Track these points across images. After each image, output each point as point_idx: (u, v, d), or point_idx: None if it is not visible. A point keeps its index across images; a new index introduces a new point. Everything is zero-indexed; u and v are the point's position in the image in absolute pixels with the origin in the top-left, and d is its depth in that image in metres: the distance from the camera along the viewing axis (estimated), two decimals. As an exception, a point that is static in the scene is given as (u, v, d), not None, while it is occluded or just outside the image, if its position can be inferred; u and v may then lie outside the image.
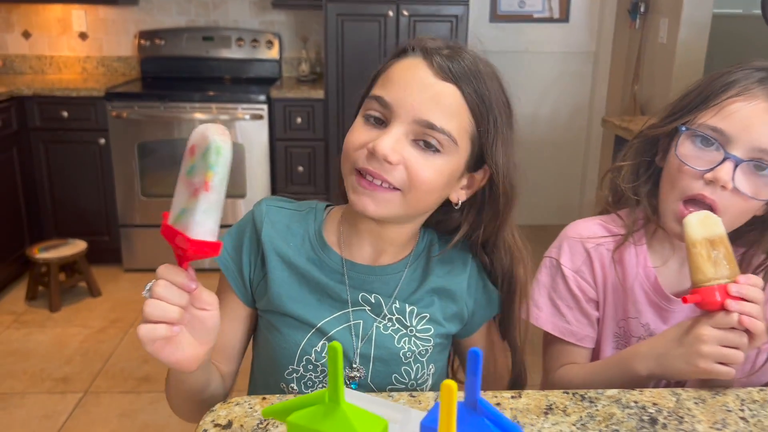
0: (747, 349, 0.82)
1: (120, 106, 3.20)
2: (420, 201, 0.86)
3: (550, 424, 0.76)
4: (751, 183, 0.89)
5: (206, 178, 0.67)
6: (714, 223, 0.85)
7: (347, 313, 0.90)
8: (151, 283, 0.70)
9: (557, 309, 1.02)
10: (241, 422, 0.74)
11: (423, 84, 0.82)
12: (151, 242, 3.41)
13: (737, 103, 0.88)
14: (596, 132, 4.05)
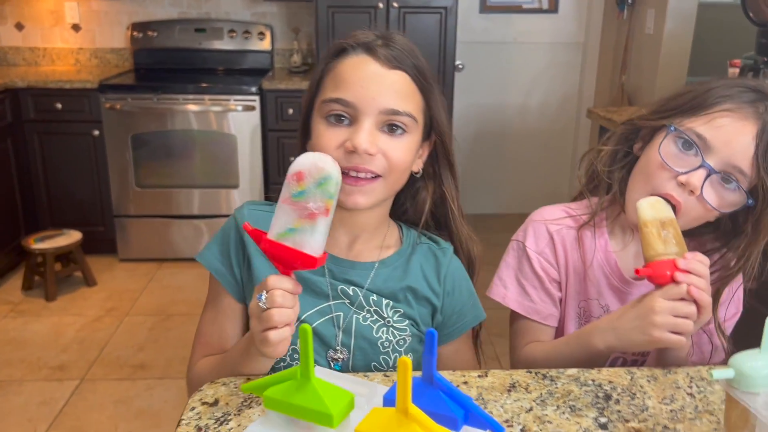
0: (696, 320, 0.87)
1: (114, 98, 3.24)
2: (397, 180, 0.95)
3: (513, 400, 0.82)
4: (716, 194, 0.94)
5: (327, 205, 0.79)
6: (663, 207, 0.92)
7: (329, 306, 0.96)
8: (264, 293, 0.78)
9: (523, 289, 1.09)
10: (227, 400, 0.80)
11: (377, 77, 0.90)
12: (145, 232, 3.46)
13: (727, 118, 0.93)
14: (585, 122, 4.10)
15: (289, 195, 0.80)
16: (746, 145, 0.92)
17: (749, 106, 0.92)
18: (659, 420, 0.78)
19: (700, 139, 0.93)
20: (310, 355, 0.56)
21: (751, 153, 0.92)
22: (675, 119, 0.97)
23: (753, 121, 0.92)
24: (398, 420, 0.53)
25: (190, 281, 3.33)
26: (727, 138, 0.92)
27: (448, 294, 1.00)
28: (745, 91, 0.93)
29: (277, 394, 0.57)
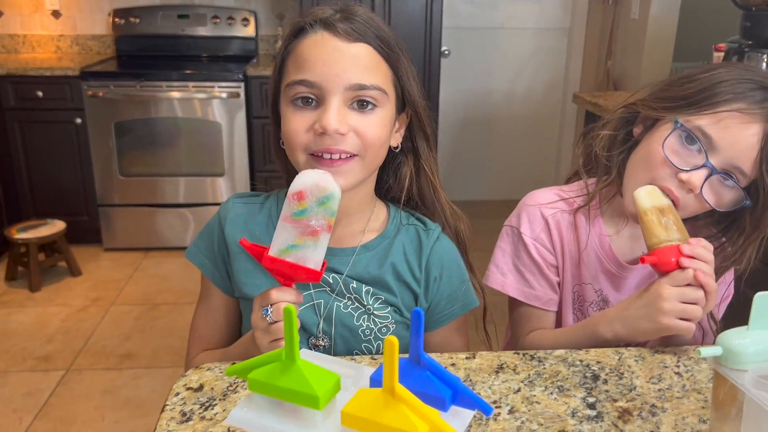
0: (704, 305, 0.87)
1: (96, 86, 3.19)
2: (375, 158, 0.92)
3: (501, 381, 0.81)
4: (714, 193, 0.93)
5: (329, 222, 0.81)
6: (660, 195, 0.91)
7: (309, 294, 0.95)
8: (269, 308, 0.80)
9: (522, 276, 1.07)
10: (212, 385, 0.79)
11: (339, 52, 0.87)
12: (130, 221, 3.43)
13: (735, 119, 0.90)
14: (571, 107, 4.10)
15: (290, 213, 0.81)
16: (751, 146, 0.90)
17: (757, 106, 0.90)
18: (647, 399, 0.78)
19: (706, 138, 0.91)
20: (295, 337, 0.55)
21: (754, 154, 0.90)
22: (681, 112, 0.94)
23: (761, 121, 0.90)
24: (385, 400, 0.53)
25: (175, 270, 3.30)
26: (733, 139, 0.90)
27: (435, 280, 0.98)
28: (754, 89, 0.91)
29: (262, 376, 0.56)
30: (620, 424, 0.74)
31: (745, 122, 0.90)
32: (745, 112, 0.90)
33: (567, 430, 0.72)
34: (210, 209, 3.45)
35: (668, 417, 0.75)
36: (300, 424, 0.55)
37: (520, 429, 0.72)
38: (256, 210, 1.00)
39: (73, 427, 2.15)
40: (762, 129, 0.89)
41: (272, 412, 0.56)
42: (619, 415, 0.75)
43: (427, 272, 0.98)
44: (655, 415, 0.75)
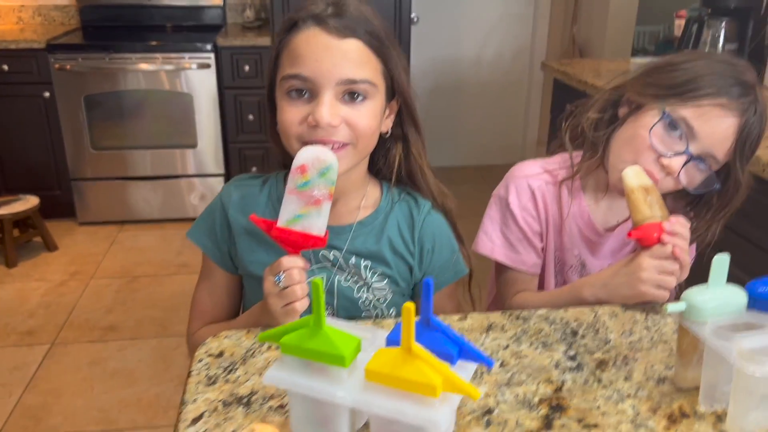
0: (679, 277, 0.97)
1: (63, 58, 3.15)
2: (367, 145, 0.98)
3: (491, 339, 0.90)
4: (689, 175, 1.03)
5: (330, 191, 0.89)
6: (645, 175, 1.00)
7: (312, 270, 1.02)
8: (282, 274, 0.86)
9: (508, 242, 1.17)
10: (231, 351, 0.86)
11: (330, 49, 0.91)
12: (103, 195, 3.43)
13: (715, 112, 1.00)
14: (537, 74, 4.19)
15: (295, 186, 0.88)
16: (727, 137, 1.00)
17: (736, 101, 1.00)
18: (620, 351, 0.88)
19: (688, 128, 1.01)
20: (322, 306, 0.62)
21: (729, 144, 1.01)
22: (666, 100, 1.02)
23: (737, 115, 1.00)
24: (403, 357, 0.61)
25: (152, 243, 3.33)
26: (712, 130, 1.00)
27: (428, 252, 1.05)
28: (733, 85, 1.00)
29: (293, 340, 0.63)
30: (598, 372, 0.83)
31: (724, 115, 1.00)
32: (725, 107, 0.99)
33: (552, 379, 0.82)
34: (183, 181, 3.47)
35: (639, 365, 0.85)
36: (328, 381, 0.63)
37: (511, 380, 0.82)
38: (257, 192, 1.06)
39: (63, 399, 2.20)
40: (737, 122, 1.00)
41: (303, 371, 0.64)
42: (596, 365, 0.85)
43: (420, 245, 1.05)
44: (627, 365, 0.85)
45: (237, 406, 0.75)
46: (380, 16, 0.98)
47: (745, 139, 1.01)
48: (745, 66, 1.03)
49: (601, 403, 0.78)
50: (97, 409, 2.16)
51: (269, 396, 0.77)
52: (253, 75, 3.33)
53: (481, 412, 0.76)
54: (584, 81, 2.45)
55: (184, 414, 0.74)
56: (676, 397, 0.79)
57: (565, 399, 0.78)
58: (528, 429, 0.73)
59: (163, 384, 2.28)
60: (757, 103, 1.01)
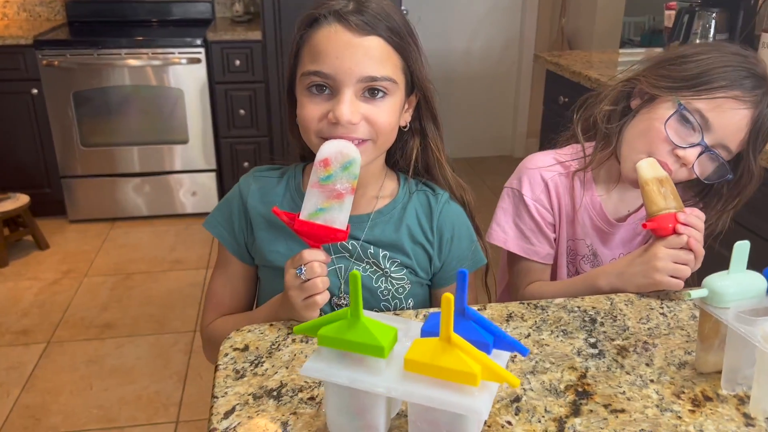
0: (693, 267, 0.99)
1: (51, 55, 3.11)
2: (387, 141, 0.99)
3: (512, 328, 0.91)
4: (702, 165, 1.05)
5: (353, 185, 0.90)
6: (659, 167, 1.02)
7: (332, 260, 1.02)
8: (303, 267, 0.87)
9: (522, 233, 1.18)
10: (256, 345, 0.86)
11: (351, 46, 0.91)
12: (94, 192, 3.40)
13: (729, 104, 1.01)
14: (527, 66, 4.21)
15: (318, 179, 0.89)
16: (741, 129, 1.03)
17: (749, 93, 1.01)
18: (639, 337, 0.90)
19: (703, 119, 1.02)
20: (359, 297, 0.62)
21: (742, 136, 1.03)
22: (680, 92, 1.04)
23: (750, 107, 1.02)
24: (442, 347, 0.61)
25: (145, 239, 3.31)
26: (726, 122, 1.02)
27: (448, 241, 1.06)
28: (747, 77, 1.02)
29: (331, 332, 0.64)
30: (619, 359, 0.85)
31: (738, 107, 1.02)
32: (739, 99, 1.01)
33: (576, 366, 0.83)
34: (175, 177, 3.45)
35: (659, 351, 0.86)
36: (367, 372, 0.63)
37: (536, 367, 0.83)
38: (274, 183, 1.06)
39: (62, 397, 2.19)
40: (751, 114, 1.02)
41: (340, 362, 0.64)
42: (617, 351, 0.86)
43: (440, 234, 1.06)
44: (648, 350, 0.87)
45: (267, 398, 0.76)
46: (400, 10, 0.98)
47: (758, 130, 1.03)
48: (755, 58, 1.05)
49: (625, 388, 0.79)
50: (96, 408, 2.15)
51: (299, 388, 0.77)
52: (243, 69, 3.31)
53: (510, 399, 0.76)
54: (577, 72, 2.47)
55: (216, 408, 0.74)
56: (697, 382, 0.80)
57: (590, 385, 0.79)
58: (557, 415, 0.74)
59: (163, 381, 2.27)
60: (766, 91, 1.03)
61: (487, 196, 3.72)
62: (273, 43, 3.25)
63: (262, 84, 3.34)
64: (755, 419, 0.74)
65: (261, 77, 3.33)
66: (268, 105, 3.37)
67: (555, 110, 2.76)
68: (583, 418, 0.74)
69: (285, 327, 0.90)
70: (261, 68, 3.31)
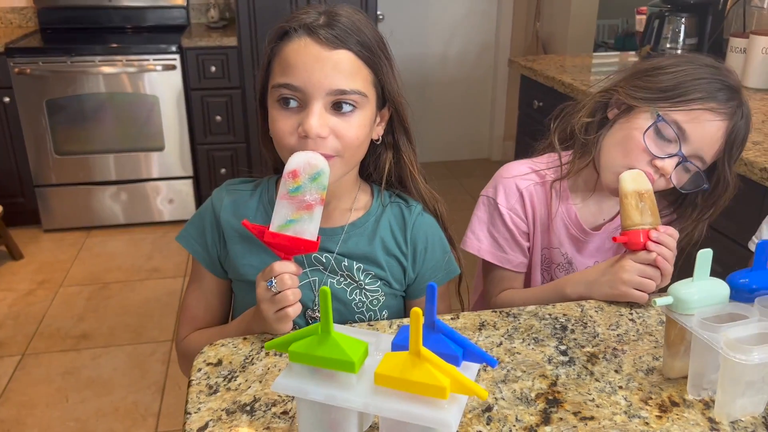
0: (660, 282, 1.01)
1: (23, 62, 3.07)
2: (355, 155, 0.98)
3: (484, 337, 0.92)
4: (678, 176, 1.07)
5: (322, 196, 0.90)
6: (643, 180, 1.03)
7: (305, 273, 1.02)
8: (273, 279, 0.87)
9: (496, 241, 1.20)
10: (230, 359, 0.86)
11: (320, 60, 0.91)
12: (69, 201, 3.36)
13: (706, 116, 1.04)
14: (503, 70, 4.24)
15: (287, 191, 0.89)
16: (716, 139, 1.05)
17: (724, 105, 1.04)
18: (609, 343, 0.91)
19: (680, 131, 1.05)
20: (329, 313, 0.63)
21: (717, 146, 1.06)
22: (658, 104, 1.06)
23: (725, 119, 1.04)
24: (412, 361, 0.62)
25: (122, 248, 3.28)
26: (702, 133, 1.04)
27: (421, 252, 1.07)
28: (721, 89, 1.05)
29: (302, 348, 0.64)
30: (589, 366, 0.86)
31: (714, 119, 1.04)
32: (714, 111, 1.04)
33: (546, 374, 0.84)
34: (151, 185, 3.43)
35: (628, 357, 0.88)
36: (338, 387, 0.64)
37: (507, 376, 0.84)
38: (247, 196, 1.06)
39: (38, 410, 2.16)
40: (726, 125, 1.05)
41: (312, 378, 0.65)
42: (587, 359, 0.88)
43: (413, 245, 1.06)
44: (617, 357, 0.88)
45: (241, 413, 0.76)
46: (372, 24, 0.98)
47: (733, 141, 1.06)
48: (728, 70, 1.08)
49: (595, 395, 0.80)
50: (73, 420, 2.12)
51: (272, 403, 0.78)
52: (219, 75, 3.30)
53: (481, 409, 0.78)
54: (551, 77, 2.50)
55: (189, 424, 0.74)
56: (665, 387, 0.82)
57: (560, 393, 0.81)
58: (528, 424, 0.75)
59: (141, 391, 2.25)
60: (743, 105, 1.06)
61: (464, 199, 3.74)
62: (249, 49, 3.24)
63: (239, 90, 3.33)
64: (719, 423, 0.76)
65: (237, 83, 3.32)
66: (245, 111, 3.36)
67: (530, 114, 2.79)
68: (553, 426, 0.75)
69: (258, 341, 0.91)
70: (237, 74, 3.30)
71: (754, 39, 2.22)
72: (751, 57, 2.23)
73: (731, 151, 1.07)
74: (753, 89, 2.23)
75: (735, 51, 2.33)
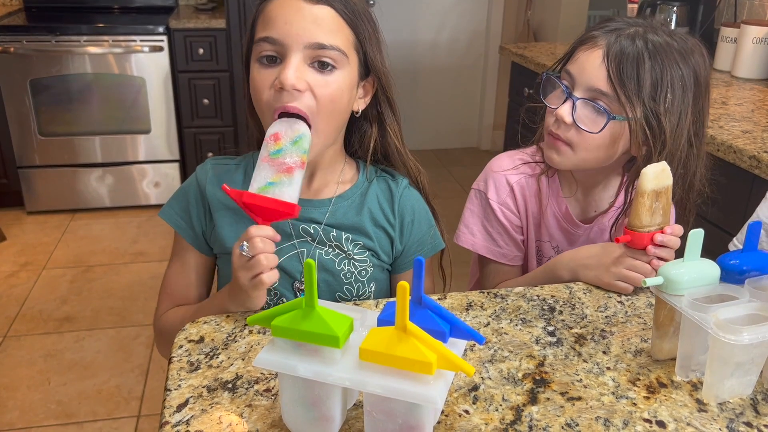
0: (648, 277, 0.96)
1: (6, 41, 3.02)
2: (332, 120, 0.95)
3: (471, 317, 0.91)
4: (590, 119, 1.03)
5: (302, 159, 0.88)
6: (667, 175, 0.94)
7: (293, 244, 1.01)
8: (245, 243, 0.83)
9: (489, 236, 1.18)
10: (212, 336, 0.84)
11: (301, 12, 0.90)
12: (53, 183, 3.31)
13: (584, 51, 1.03)
14: (493, 58, 4.22)
15: (267, 153, 0.88)
16: (598, 65, 1.01)
17: (600, 33, 1.03)
18: (597, 325, 0.90)
19: (568, 75, 1.04)
20: (314, 286, 0.61)
21: (604, 73, 1.01)
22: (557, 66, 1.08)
23: (603, 45, 1.02)
24: (398, 336, 0.60)
25: (106, 231, 3.24)
26: (581, 67, 1.03)
27: (408, 224, 1.06)
28: (598, 27, 1.05)
29: (285, 322, 0.62)
30: (577, 347, 0.85)
31: (591, 49, 1.03)
32: (590, 42, 1.03)
33: (534, 354, 0.83)
34: (137, 168, 3.38)
35: (616, 339, 0.87)
36: (322, 362, 0.62)
37: (494, 356, 0.83)
38: (233, 169, 1.04)
39: (19, 393, 2.13)
40: (604, 50, 1.02)
41: (295, 353, 0.63)
42: (575, 340, 0.87)
43: (401, 217, 1.06)
44: (605, 338, 0.87)
45: (222, 391, 0.74)
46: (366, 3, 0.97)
47: (619, 60, 1.00)
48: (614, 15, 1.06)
49: (582, 376, 0.79)
50: (55, 403, 2.10)
51: (254, 380, 0.76)
52: (207, 58, 3.25)
53: (468, 388, 0.76)
54: (542, 64, 2.48)
55: (169, 401, 0.72)
56: (653, 369, 0.81)
57: (547, 373, 0.80)
58: (515, 403, 0.74)
59: (124, 375, 2.23)
60: (627, 30, 1.02)
61: (453, 188, 3.73)
62: (237, 32, 3.20)
63: (227, 73, 3.29)
64: (707, 404, 0.75)
65: (225, 66, 3.28)
66: (233, 94, 3.32)
67: (520, 102, 2.78)
68: (540, 406, 0.74)
69: (242, 318, 0.89)
70: (225, 57, 3.26)
71: (744, 29, 2.22)
72: (741, 47, 2.23)
73: (620, 71, 0.99)
74: (743, 79, 2.23)
75: (726, 41, 2.32)
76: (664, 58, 1.00)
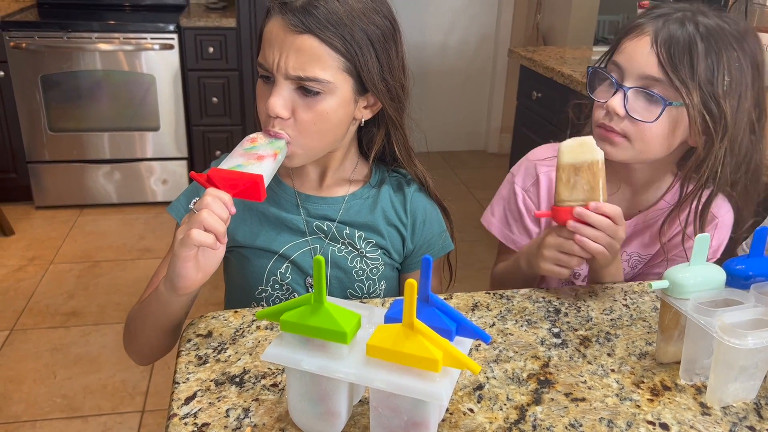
0: (583, 259, 0.95)
1: (19, 36, 3.04)
2: (315, 139, 0.94)
3: (477, 317, 0.92)
4: (644, 109, 0.99)
5: (276, 152, 0.89)
6: (587, 150, 0.93)
7: (306, 240, 1.03)
8: (197, 199, 0.80)
9: (506, 219, 1.19)
10: (220, 331, 0.85)
11: (283, 41, 0.89)
12: (62, 178, 3.33)
13: (631, 39, 1.00)
14: (502, 61, 4.23)
15: (242, 149, 0.89)
16: (647, 52, 0.98)
17: (647, 20, 0.99)
18: (602, 328, 0.91)
19: (618, 68, 1.01)
20: (323, 282, 0.62)
21: (654, 60, 0.97)
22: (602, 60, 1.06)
23: (647, 32, 0.98)
24: (405, 333, 0.61)
25: (114, 227, 3.26)
26: (630, 55, 1.00)
27: (420, 224, 1.07)
28: (643, 14, 1.01)
29: (293, 317, 0.63)
30: (582, 349, 0.86)
31: (638, 37, 1.00)
32: (637, 30, 1.00)
33: (539, 355, 0.84)
34: (145, 164, 3.40)
35: (621, 341, 0.88)
36: (329, 357, 0.63)
37: (500, 356, 0.83)
38: None
39: (25, 386, 2.15)
40: (652, 36, 0.98)
41: (303, 348, 0.64)
42: (580, 341, 0.87)
43: (413, 217, 1.07)
44: (610, 341, 0.88)
45: (230, 385, 0.75)
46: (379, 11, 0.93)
47: (669, 45, 0.96)
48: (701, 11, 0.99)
49: (587, 377, 0.80)
50: (60, 396, 2.11)
51: (262, 375, 0.77)
52: (217, 57, 3.27)
53: (473, 387, 0.77)
54: (551, 68, 2.49)
55: (177, 393, 0.73)
56: (657, 372, 0.82)
57: (552, 374, 0.80)
58: (519, 403, 0.75)
59: (129, 370, 2.24)
60: (674, 14, 0.98)
61: (459, 190, 3.74)
62: (247, 31, 3.22)
63: (236, 72, 3.31)
64: (711, 408, 0.75)
65: (235, 65, 3.29)
66: (242, 93, 3.34)
67: (528, 105, 2.78)
68: (544, 406, 0.74)
69: (250, 314, 0.90)
70: (235, 56, 3.28)
71: (755, 35, 2.21)
72: (751, 53, 2.22)
73: (672, 57, 0.96)
74: (752, 86, 2.23)
75: (736, 47, 2.32)
76: (717, 40, 0.96)
